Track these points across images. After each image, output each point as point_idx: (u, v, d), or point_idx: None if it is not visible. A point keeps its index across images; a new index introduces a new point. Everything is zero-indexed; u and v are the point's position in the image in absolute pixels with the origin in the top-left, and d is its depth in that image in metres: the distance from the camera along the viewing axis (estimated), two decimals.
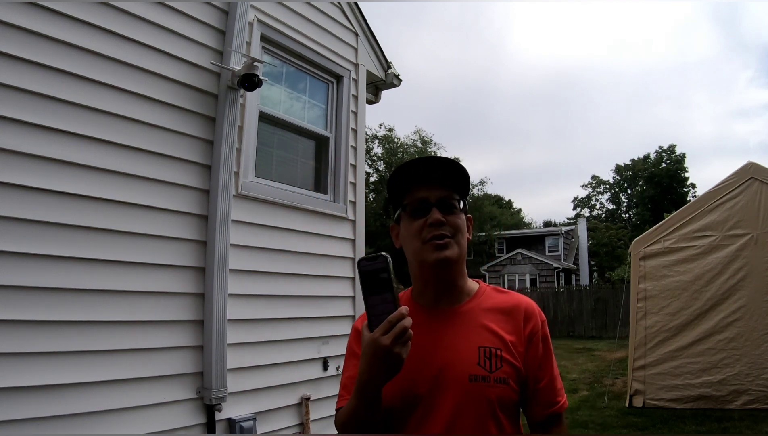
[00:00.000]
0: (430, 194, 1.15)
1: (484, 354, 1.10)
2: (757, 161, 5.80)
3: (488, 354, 1.10)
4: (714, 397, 5.52)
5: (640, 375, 5.93)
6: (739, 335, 5.49)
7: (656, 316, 5.90)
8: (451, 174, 1.17)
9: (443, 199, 1.15)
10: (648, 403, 5.84)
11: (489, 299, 1.20)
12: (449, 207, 1.16)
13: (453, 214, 1.15)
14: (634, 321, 6.06)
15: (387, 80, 4.70)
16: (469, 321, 1.15)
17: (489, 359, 1.10)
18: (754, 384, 5.37)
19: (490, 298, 1.21)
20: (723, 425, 5.03)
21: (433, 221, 1.13)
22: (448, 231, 1.14)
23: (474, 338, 1.13)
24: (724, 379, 5.49)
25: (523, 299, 1.20)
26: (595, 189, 44.75)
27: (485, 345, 1.11)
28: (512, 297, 1.21)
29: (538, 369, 1.15)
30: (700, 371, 5.61)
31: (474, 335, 1.13)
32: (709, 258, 5.72)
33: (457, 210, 1.17)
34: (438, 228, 1.13)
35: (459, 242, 1.15)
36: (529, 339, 1.14)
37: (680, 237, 5.93)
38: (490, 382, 1.08)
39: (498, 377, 1.09)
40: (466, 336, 1.13)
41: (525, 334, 1.15)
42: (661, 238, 6.04)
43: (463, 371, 1.09)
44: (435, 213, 1.13)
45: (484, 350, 1.11)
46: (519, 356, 1.13)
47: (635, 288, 6.12)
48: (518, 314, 1.16)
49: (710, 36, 77.22)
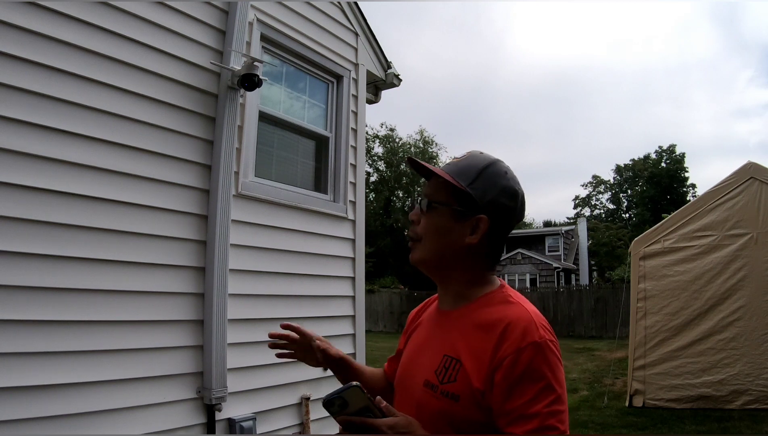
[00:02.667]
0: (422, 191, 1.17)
1: (443, 363, 1.03)
2: (757, 161, 5.81)
3: (447, 364, 1.02)
4: (714, 397, 5.52)
5: (640, 375, 5.93)
6: (739, 335, 5.49)
7: (656, 316, 5.90)
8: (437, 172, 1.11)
9: (422, 198, 1.14)
10: (648, 403, 5.84)
11: (482, 307, 1.06)
12: (427, 206, 1.12)
13: (427, 215, 1.11)
14: (634, 321, 6.06)
15: (387, 80, 4.70)
16: (451, 327, 1.09)
17: (446, 369, 1.02)
18: (754, 384, 5.37)
19: (484, 307, 1.06)
20: (723, 425, 5.03)
21: (409, 217, 1.15)
22: (414, 232, 1.12)
23: (444, 345, 1.06)
24: (724, 379, 5.49)
25: (512, 315, 1.00)
26: (595, 188, 44.76)
27: (449, 354, 1.03)
28: (504, 311, 1.02)
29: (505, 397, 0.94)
30: (700, 371, 5.62)
31: (446, 342, 1.07)
32: (709, 258, 5.72)
33: (432, 211, 1.10)
34: (411, 227, 1.14)
35: (426, 245, 1.10)
36: (499, 362, 0.95)
37: (680, 237, 5.94)
38: (437, 393, 1.01)
39: (446, 390, 1.00)
40: (440, 341, 1.09)
41: (496, 354, 0.96)
42: (661, 238, 6.05)
43: (423, 376, 1.06)
44: (413, 211, 1.14)
45: (446, 360, 1.03)
46: (480, 377, 0.97)
47: (635, 288, 6.12)
48: (495, 331, 0.98)
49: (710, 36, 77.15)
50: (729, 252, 5.63)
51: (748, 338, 5.44)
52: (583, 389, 7.25)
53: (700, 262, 5.75)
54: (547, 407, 0.92)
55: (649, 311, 5.95)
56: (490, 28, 78.23)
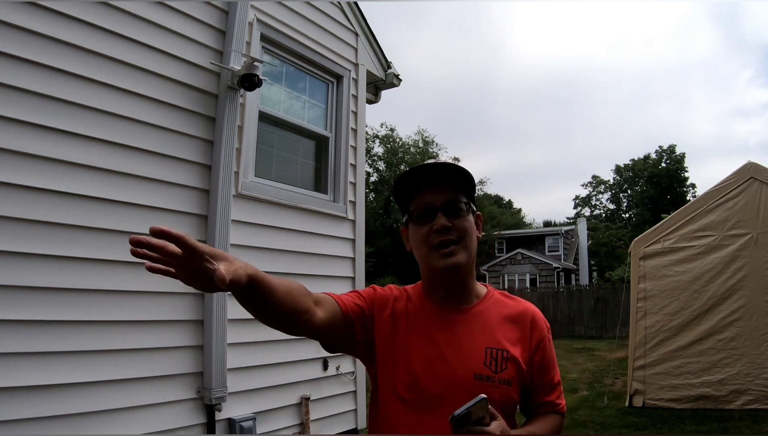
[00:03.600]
0: (435, 199, 1.13)
1: (490, 355, 1.12)
2: (757, 161, 5.78)
3: (494, 355, 1.12)
4: (714, 397, 5.51)
5: (639, 375, 5.93)
6: (739, 335, 5.48)
7: (656, 316, 5.90)
8: (453, 175, 1.15)
9: (448, 203, 1.13)
10: (648, 403, 5.84)
11: (498, 303, 1.22)
12: (455, 210, 1.13)
13: (459, 218, 1.13)
14: (634, 321, 6.06)
15: (387, 80, 4.70)
16: (478, 323, 1.16)
17: (495, 359, 1.11)
18: (754, 384, 5.37)
19: (498, 302, 1.22)
20: (723, 425, 5.02)
21: (438, 228, 1.11)
22: (454, 236, 1.12)
23: (482, 339, 1.14)
24: (724, 379, 5.48)
25: (530, 306, 1.23)
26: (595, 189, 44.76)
27: (492, 346, 1.13)
28: (520, 303, 1.24)
29: (542, 373, 1.19)
30: (699, 370, 5.61)
31: (482, 337, 1.14)
32: (709, 258, 5.71)
33: (463, 212, 1.15)
34: (444, 234, 1.11)
35: (466, 246, 1.14)
36: (536, 346, 1.18)
37: (680, 237, 5.93)
38: (495, 382, 1.10)
39: (502, 378, 1.11)
40: (475, 337, 1.14)
41: (532, 341, 1.18)
42: (661, 238, 6.04)
43: (469, 371, 1.10)
44: (440, 218, 1.12)
45: (490, 351, 1.12)
46: (524, 361, 1.15)
47: (635, 288, 6.11)
48: (525, 321, 1.19)
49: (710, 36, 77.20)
50: (729, 252, 5.63)
51: (748, 338, 5.43)
52: (583, 389, 7.24)
53: (700, 262, 5.74)
54: (558, 373, 1.26)
55: (649, 311, 5.94)
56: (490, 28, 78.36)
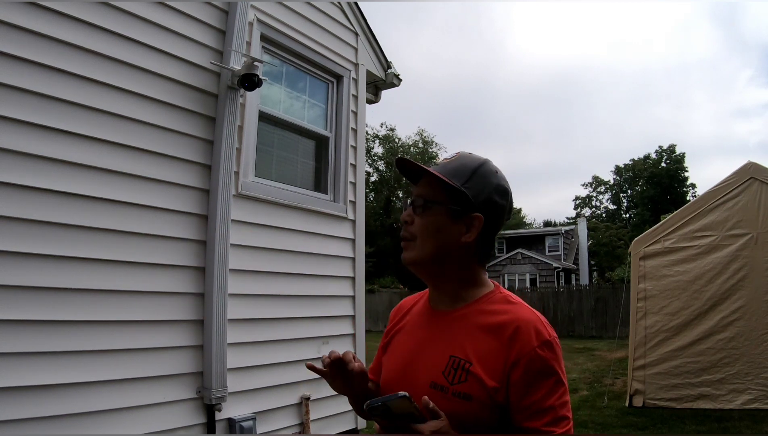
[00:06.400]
0: (414, 192, 1.15)
1: (452, 364, 1.03)
2: (757, 161, 5.78)
3: (455, 365, 1.03)
4: (714, 396, 5.51)
5: (640, 375, 5.92)
6: (738, 335, 5.48)
7: (656, 316, 5.90)
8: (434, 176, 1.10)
9: (416, 198, 1.13)
10: (648, 403, 5.83)
11: (484, 309, 1.09)
12: (418, 206, 1.11)
13: (421, 215, 1.11)
14: (634, 321, 6.05)
15: (387, 80, 4.70)
16: (454, 328, 1.09)
17: (455, 369, 1.02)
18: (753, 384, 5.37)
19: (483, 310, 1.09)
20: (723, 424, 5.02)
21: (401, 218, 1.13)
22: (409, 232, 1.12)
23: (449, 346, 1.06)
24: (724, 378, 5.48)
25: (520, 317, 1.04)
26: (596, 189, 44.77)
27: (457, 355, 1.04)
28: (509, 313, 1.05)
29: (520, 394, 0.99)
30: (699, 370, 5.61)
31: (451, 343, 1.07)
32: (709, 258, 5.71)
33: (427, 211, 1.10)
34: (404, 227, 1.13)
35: (420, 245, 1.10)
36: (514, 362, 0.99)
37: (680, 237, 5.93)
38: (448, 394, 1.01)
39: (457, 390, 1.00)
40: (444, 342, 1.08)
41: (509, 355, 1.00)
42: (661, 238, 6.03)
43: (429, 378, 1.05)
44: (405, 211, 1.13)
45: (453, 360, 1.04)
46: (493, 376, 1.00)
47: (635, 288, 6.11)
48: (504, 333, 1.02)
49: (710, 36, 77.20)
50: (729, 252, 5.63)
51: (748, 337, 5.43)
52: (583, 389, 7.24)
53: (700, 262, 5.74)
54: (559, 399, 1.00)
55: (649, 310, 5.94)
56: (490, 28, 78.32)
